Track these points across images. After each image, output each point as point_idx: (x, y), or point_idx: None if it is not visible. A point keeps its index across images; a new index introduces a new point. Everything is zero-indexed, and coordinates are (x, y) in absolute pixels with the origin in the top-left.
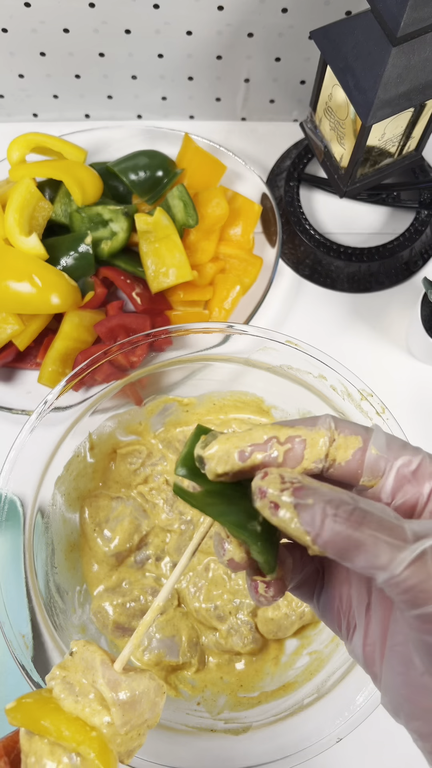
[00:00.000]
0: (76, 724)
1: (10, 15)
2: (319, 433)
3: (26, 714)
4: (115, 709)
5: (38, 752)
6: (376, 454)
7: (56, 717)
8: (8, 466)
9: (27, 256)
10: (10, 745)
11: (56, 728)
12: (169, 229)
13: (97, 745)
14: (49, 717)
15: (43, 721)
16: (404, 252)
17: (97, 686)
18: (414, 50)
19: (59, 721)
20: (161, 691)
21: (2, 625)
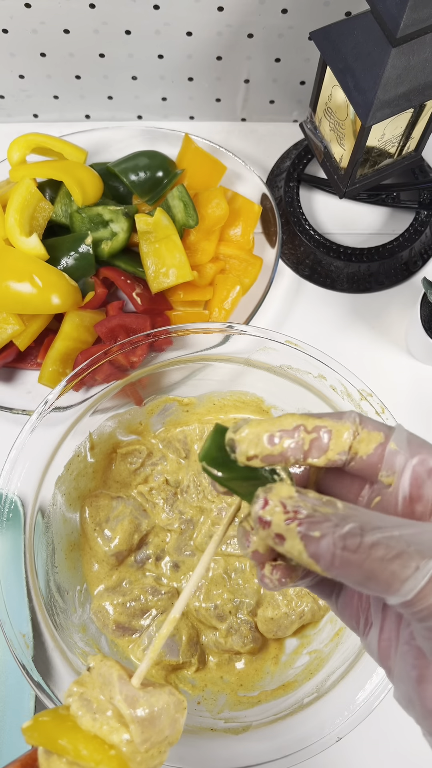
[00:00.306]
0: (94, 743)
1: (10, 16)
2: (345, 426)
3: (43, 733)
4: (134, 726)
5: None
6: (394, 449)
7: (74, 736)
8: (9, 466)
9: (27, 257)
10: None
11: (74, 747)
12: (169, 230)
13: (116, 764)
14: (67, 736)
15: (60, 740)
16: (404, 252)
17: (114, 703)
18: (413, 51)
19: (77, 739)
20: (182, 707)
21: (3, 625)
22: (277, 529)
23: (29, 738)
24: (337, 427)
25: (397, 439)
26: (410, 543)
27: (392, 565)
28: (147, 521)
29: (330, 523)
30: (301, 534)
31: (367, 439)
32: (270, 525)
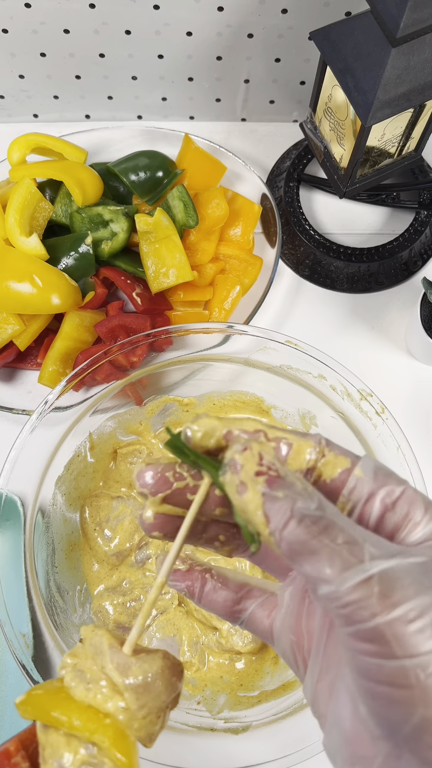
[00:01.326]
0: (88, 713)
1: (10, 16)
2: (307, 443)
3: (36, 706)
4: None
5: (54, 744)
6: (359, 476)
7: (67, 707)
8: (9, 466)
9: (27, 257)
10: (28, 738)
11: (68, 718)
12: (169, 230)
13: (112, 733)
14: (60, 707)
15: (53, 712)
16: (404, 252)
17: (107, 672)
18: (413, 51)
19: (70, 710)
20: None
21: (3, 625)
22: (245, 476)
23: (23, 712)
24: (299, 442)
25: (364, 466)
26: (366, 540)
27: (340, 550)
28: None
29: (295, 490)
30: (264, 490)
31: (334, 462)
32: (239, 470)
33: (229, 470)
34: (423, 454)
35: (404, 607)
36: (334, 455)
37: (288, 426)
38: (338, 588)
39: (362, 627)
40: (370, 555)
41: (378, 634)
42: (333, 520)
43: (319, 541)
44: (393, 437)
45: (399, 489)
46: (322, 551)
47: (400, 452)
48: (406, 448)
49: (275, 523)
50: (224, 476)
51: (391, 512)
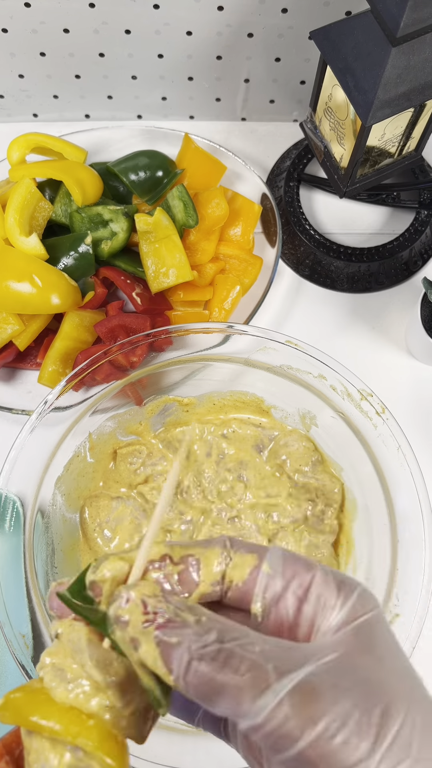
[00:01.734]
0: (69, 715)
1: (10, 15)
2: (214, 552)
3: (14, 711)
4: (111, 691)
5: (39, 748)
6: (267, 572)
7: (46, 710)
8: (8, 466)
9: (27, 257)
10: (13, 742)
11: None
12: (169, 230)
13: (96, 734)
14: (39, 711)
15: (32, 716)
16: (404, 252)
17: (87, 669)
18: (414, 51)
19: (50, 714)
20: None
21: (2, 625)
22: (134, 631)
23: (1, 717)
24: (206, 553)
25: (271, 560)
26: (270, 659)
27: (245, 681)
28: (147, 521)
29: (190, 630)
30: (158, 639)
31: (241, 563)
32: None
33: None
34: (423, 454)
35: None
36: (241, 555)
37: (288, 426)
38: (254, 721)
39: (288, 755)
40: (276, 674)
41: (305, 759)
42: (232, 649)
43: (223, 676)
44: (393, 437)
45: (308, 576)
46: (229, 687)
47: (400, 452)
48: (407, 448)
49: (176, 671)
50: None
51: (306, 603)
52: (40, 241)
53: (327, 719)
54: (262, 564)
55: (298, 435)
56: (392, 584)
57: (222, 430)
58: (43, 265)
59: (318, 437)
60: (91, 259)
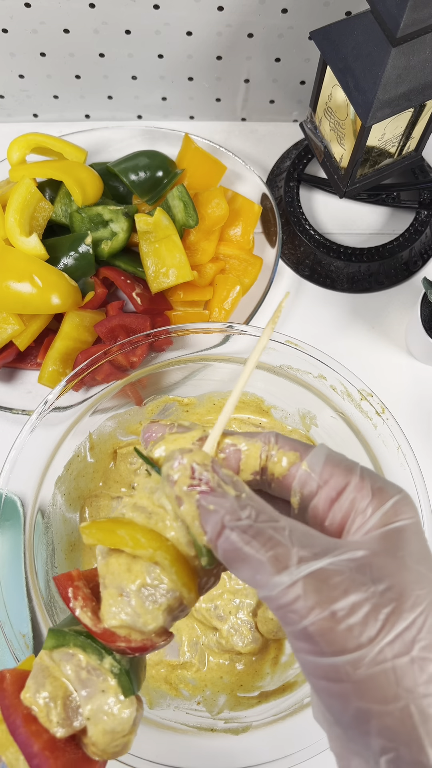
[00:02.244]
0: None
1: (10, 16)
2: (256, 446)
3: (101, 528)
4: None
5: (115, 571)
6: (305, 471)
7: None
8: (8, 466)
9: (27, 257)
10: (89, 575)
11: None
12: (169, 230)
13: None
14: (125, 528)
15: (119, 531)
16: (404, 252)
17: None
18: (413, 51)
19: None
20: None
21: (2, 625)
22: (179, 491)
23: (88, 536)
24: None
25: (312, 460)
26: (295, 544)
27: (267, 556)
28: None
29: (228, 502)
30: (198, 503)
31: (281, 459)
32: (174, 485)
33: (167, 484)
34: (423, 454)
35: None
36: (283, 452)
37: (288, 426)
38: (269, 593)
39: (295, 628)
40: (298, 558)
41: (308, 634)
42: (262, 528)
43: (249, 549)
44: (393, 437)
45: (344, 480)
46: (252, 559)
47: (400, 452)
48: (407, 448)
49: (210, 534)
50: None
51: (337, 504)
52: (40, 241)
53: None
54: (302, 462)
55: (299, 435)
56: None
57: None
58: (43, 265)
59: (318, 437)
60: (91, 259)
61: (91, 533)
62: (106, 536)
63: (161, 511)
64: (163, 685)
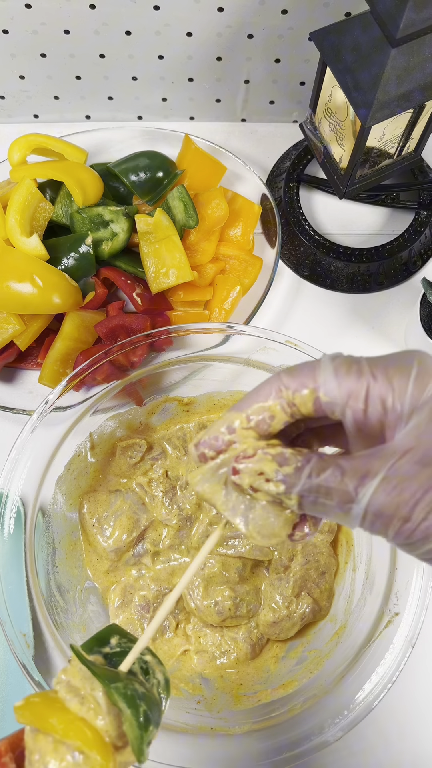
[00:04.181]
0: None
1: (11, 17)
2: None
3: (34, 712)
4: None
5: (42, 750)
6: (326, 401)
7: (62, 716)
8: (9, 466)
9: (28, 257)
10: (15, 742)
11: (63, 726)
12: (169, 230)
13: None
14: (56, 716)
15: (50, 719)
16: (403, 253)
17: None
18: (413, 51)
19: (66, 720)
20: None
21: (3, 624)
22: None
23: (20, 717)
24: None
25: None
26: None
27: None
28: (146, 516)
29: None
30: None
31: (302, 401)
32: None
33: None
34: None
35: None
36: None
37: None
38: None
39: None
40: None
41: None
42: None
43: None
44: None
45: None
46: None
47: None
48: None
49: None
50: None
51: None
52: (40, 241)
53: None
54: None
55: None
56: (392, 583)
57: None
58: (43, 265)
59: None
60: (91, 259)
61: (24, 716)
62: (38, 721)
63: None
64: None
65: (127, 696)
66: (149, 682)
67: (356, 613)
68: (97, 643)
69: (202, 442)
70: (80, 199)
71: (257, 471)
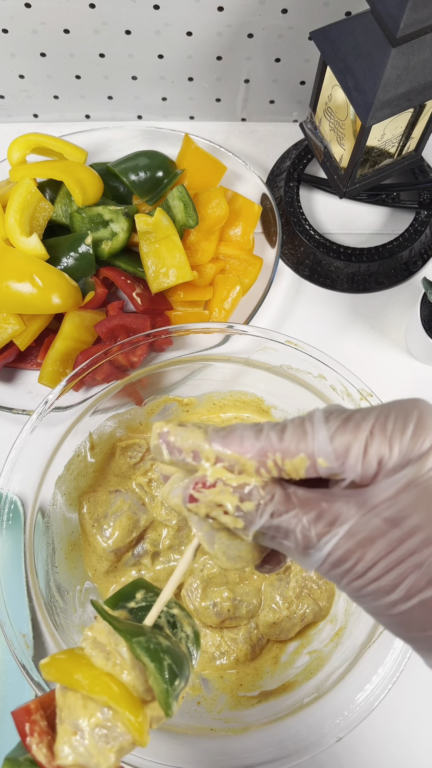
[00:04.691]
0: (105, 679)
1: (10, 16)
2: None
3: (60, 668)
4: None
5: (72, 706)
6: (326, 467)
7: (88, 672)
8: (9, 466)
9: (28, 257)
10: (46, 701)
11: (89, 682)
12: (169, 230)
13: (126, 699)
14: (82, 671)
15: (75, 675)
16: (404, 252)
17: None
18: (413, 51)
19: (91, 675)
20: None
21: (3, 625)
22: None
23: (47, 674)
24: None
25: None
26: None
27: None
28: (146, 516)
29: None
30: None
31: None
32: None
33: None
34: None
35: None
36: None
37: None
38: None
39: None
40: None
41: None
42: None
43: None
44: None
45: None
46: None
47: None
48: None
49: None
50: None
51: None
52: (40, 241)
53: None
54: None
55: None
56: None
57: None
58: (43, 265)
59: None
60: (91, 259)
61: (50, 672)
62: (63, 677)
63: (118, 656)
64: None
65: (150, 650)
66: (176, 636)
67: (357, 613)
68: (121, 598)
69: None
70: (80, 198)
71: (215, 503)
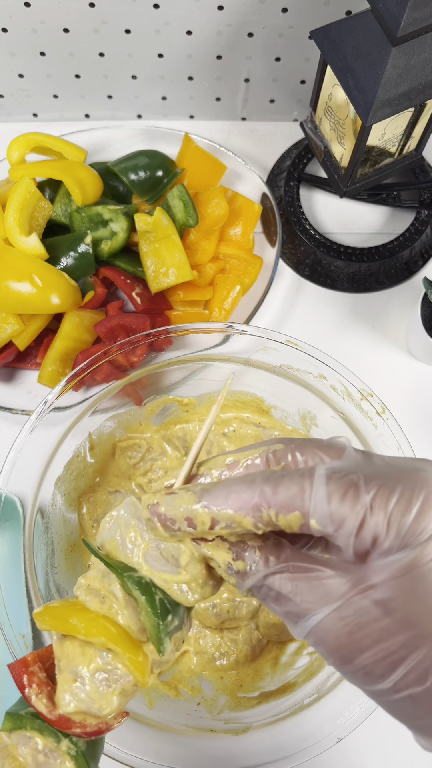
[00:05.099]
0: (103, 621)
1: (10, 15)
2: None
3: (53, 615)
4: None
5: (70, 654)
6: (318, 529)
7: (84, 615)
8: (8, 466)
9: (27, 256)
10: (44, 655)
11: (84, 625)
12: (169, 229)
13: (125, 640)
14: (77, 615)
15: (71, 619)
16: (404, 252)
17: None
18: (414, 50)
19: (87, 618)
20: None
21: (2, 626)
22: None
23: (41, 623)
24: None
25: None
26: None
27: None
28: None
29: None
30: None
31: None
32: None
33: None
34: (423, 454)
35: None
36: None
37: (288, 426)
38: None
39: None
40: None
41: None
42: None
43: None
44: (393, 437)
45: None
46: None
47: (400, 452)
48: (407, 448)
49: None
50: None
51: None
52: (40, 240)
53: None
54: (309, 522)
55: (299, 435)
56: None
57: (223, 429)
58: (43, 264)
59: (318, 437)
60: (91, 258)
61: (44, 620)
62: (58, 624)
63: (113, 597)
64: (162, 686)
65: (141, 584)
66: None
67: None
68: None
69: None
70: (79, 198)
71: (209, 558)
